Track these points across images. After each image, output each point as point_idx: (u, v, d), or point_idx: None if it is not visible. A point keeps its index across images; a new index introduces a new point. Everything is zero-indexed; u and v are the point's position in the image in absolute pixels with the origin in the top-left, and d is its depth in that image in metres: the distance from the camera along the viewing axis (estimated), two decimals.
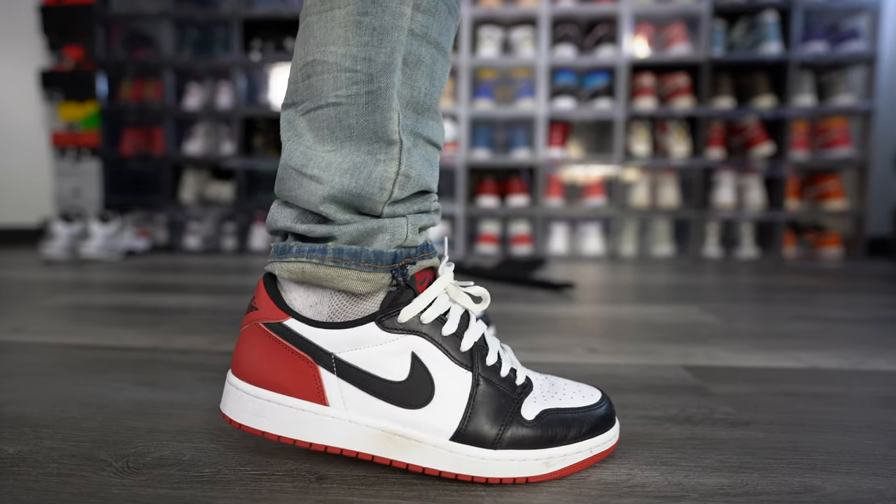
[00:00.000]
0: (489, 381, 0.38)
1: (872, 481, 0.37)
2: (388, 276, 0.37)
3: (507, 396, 0.38)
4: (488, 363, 0.38)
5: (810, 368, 0.64)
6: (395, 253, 0.38)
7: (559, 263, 1.90)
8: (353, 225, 0.37)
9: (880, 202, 2.14)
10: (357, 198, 0.37)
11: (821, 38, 2.05)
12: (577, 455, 0.37)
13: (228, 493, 0.35)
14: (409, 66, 0.37)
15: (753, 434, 0.45)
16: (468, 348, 0.38)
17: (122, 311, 0.95)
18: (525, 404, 0.38)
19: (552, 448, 0.37)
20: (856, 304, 1.08)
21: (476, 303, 0.41)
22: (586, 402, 0.40)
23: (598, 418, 0.39)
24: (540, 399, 0.39)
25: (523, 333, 0.80)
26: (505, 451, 0.36)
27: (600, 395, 0.41)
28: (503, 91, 2.26)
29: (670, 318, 0.94)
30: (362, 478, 0.37)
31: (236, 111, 2.23)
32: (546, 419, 0.37)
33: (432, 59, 0.39)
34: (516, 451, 0.36)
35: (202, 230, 2.31)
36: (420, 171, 0.38)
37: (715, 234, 2.15)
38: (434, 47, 0.39)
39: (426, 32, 0.38)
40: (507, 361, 0.39)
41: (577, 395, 0.40)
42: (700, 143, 2.08)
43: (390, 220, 0.38)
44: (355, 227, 0.37)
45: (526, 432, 0.37)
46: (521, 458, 0.36)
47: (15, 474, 0.37)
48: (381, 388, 0.36)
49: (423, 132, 0.39)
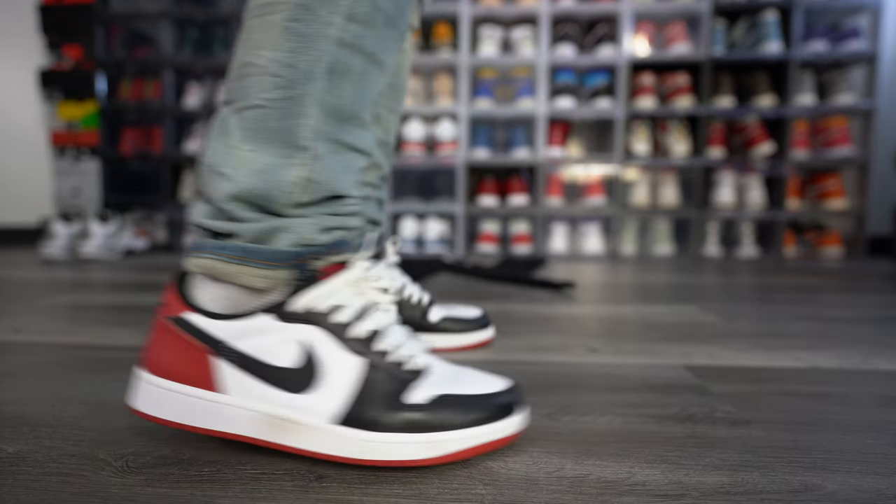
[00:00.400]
0: (379, 366, 0.38)
1: (873, 480, 0.37)
2: (288, 272, 0.39)
3: (397, 381, 0.38)
4: (380, 349, 0.38)
5: (811, 368, 0.64)
6: (296, 252, 0.39)
7: (559, 263, 1.90)
8: (255, 224, 0.39)
9: (881, 201, 2.14)
10: (261, 198, 0.38)
11: (821, 37, 2.05)
12: (465, 441, 0.37)
13: (228, 493, 0.35)
14: (336, 75, 0.39)
15: (754, 433, 0.45)
16: (361, 336, 0.38)
17: (121, 311, 0.95)
18: (417, 389, 0.38)
19: (440, 433, 0.37)
20: (856, 303, 1.08)
21: (384, 294, 0.41)
22: (486, 390, 0.40)
23: (496, 406, 0.39)
24: (436, 385, 0.39)
25: (523, 333, 0.80)
26: (389, 434, 0.37)
27: (506, 386, 0.41)
28: (503, 90, 2.26)
29: (670, 317, 0.94)
30: (362, 476, 0.37)
31: None
32: (438, 404, 0.38)
33: (363, 68, 0.40)
34: (402, 434, 0.37)
35: None
36: (333, 177, 0.40)
37: (715, 234, 2.15)
38: (366, 57, 0.39)
39: (358, 42, 0.39)
40: (405, 348, 0.40)
41: (479, 383, 0.40)
42: (700, 142, 2.08)
43: (293, 221, 0.39)
44: (258, 226, 0.39)
45: (414, 416, 0.37)
46: (406, 442, 0.37)
47: (14, 474, 0.37)
48: (272, 375, 0.37)
49: (345, 139, 0.40)
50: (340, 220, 0.41)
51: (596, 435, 0.44)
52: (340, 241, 0.41)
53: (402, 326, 0.42)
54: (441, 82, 2.22)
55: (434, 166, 2.21)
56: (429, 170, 2.28)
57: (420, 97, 2.24)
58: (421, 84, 2.25)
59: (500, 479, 0.37)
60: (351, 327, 0.38)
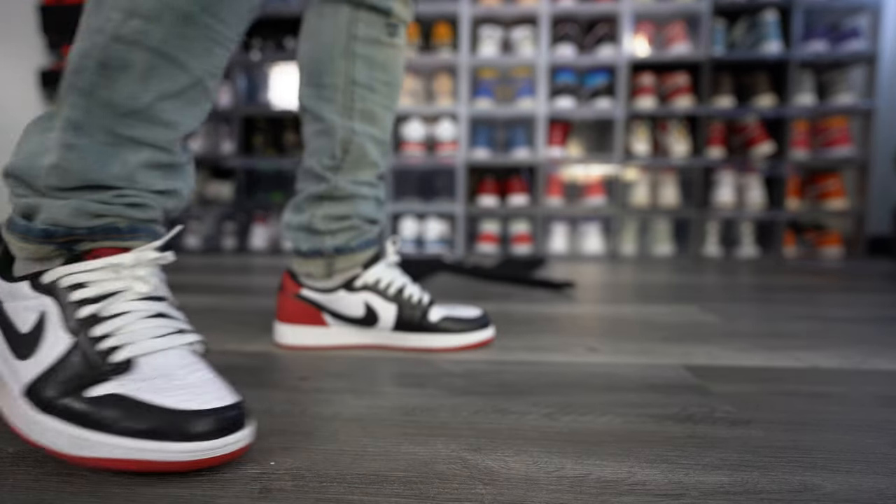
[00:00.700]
0: (82, 350, 0.38)
1: (873, 480, 0.37)
2: (43, 247, 0.41)
3: (91, 369, 0.37)
4: (92, 334, 0.38)
5: (811, 368, 0.64)
6: (46, 229, 0.41)
7: (559, 263, 1.90)
8: (23, 199, 0.42)
9: (881, 201, 2.14)
10: (25, 176, 0.41)
11: (821, 37, 2.05)
12: (115, 450, 0.34)
13: (228, 493, 0.35)
14: (111, 70, 0.40)
15: (754, 433, 0.45)
16: (83, 316, 0.39)
17: None
18: (103, 383, 0.37)
19: (92, 432, 0.35)
20: (856, 303, 1.08)
21: (145, 286, 0.41)
22: (176, 402, 0.35)
23: (172, 424, 0.34)
24: (130, 383, 0.36)
25: (523, 333, 0.80)
26: (49, 418, 0.36)
27: (221, 405, 0.36)
28: (503, 90, 2.26)
29: (670, 317, 0.94)
30: (362, 476, 0.37)
31: (236, 110, 2.23)
32: (110, 403, 0.35)
33: (148, 64, 0.40)
34: (60, 422, 0.36)
35: (202, 229, 2.31)
36: (89, 166, 0.41)
37: (715, 234, 2.15)
38: (153, 53, 0.40)
39: (139, 38, 0.39)
40: (416, 295, 0.40)
41: (182, 393, 0.36)
42: (700, 142, 2.08)
43: (49, 202, 0.41)
44: (24, 201, 0.42)
45: (80, 407, 0.35)
46: (59, 431, 0.35)
47: (15, 474, 0.37)
48: (11, 337, 0.40)
49: (124, 132, 0.41)
50: (108, 209, 0.42)
51: (596, 435, 0.44)
52: (108, 226, 0.42)
53: (161, 318, 0.41)
54: (441, 82, 2.22)
55: (434, 166, 2.22)
56: (429, 170, 2.28)
57: (420, 97, 2.24)
58: (421, 84, 2.25)
59: (500, 478, 0.37)
60: (79, 307, 0.39)
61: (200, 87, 0.43)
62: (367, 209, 0.70)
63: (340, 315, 0.68)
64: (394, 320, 0.68)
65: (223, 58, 0.44)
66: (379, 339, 0.69)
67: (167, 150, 0.44)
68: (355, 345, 0.70)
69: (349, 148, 0.66)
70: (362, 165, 0.68)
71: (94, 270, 0.40)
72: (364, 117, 0.67)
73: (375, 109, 0.67)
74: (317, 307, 0.69)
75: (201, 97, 0.44)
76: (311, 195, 0.68)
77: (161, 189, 0.44)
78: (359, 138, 0.66)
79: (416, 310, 0.68)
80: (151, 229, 0.45)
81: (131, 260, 0.41)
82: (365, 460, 0.39)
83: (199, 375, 0.39)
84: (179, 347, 0.41)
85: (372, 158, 0.68)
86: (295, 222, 0.70)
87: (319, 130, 0.67)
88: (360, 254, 0.69)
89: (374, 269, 0.68)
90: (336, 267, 0.69)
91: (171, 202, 0.46)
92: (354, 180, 0.68)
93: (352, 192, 0.67)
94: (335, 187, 0.67)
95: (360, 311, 0.68)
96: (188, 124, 0.44)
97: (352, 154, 0.67)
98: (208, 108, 0.46)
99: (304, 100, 0.67)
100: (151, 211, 0.44)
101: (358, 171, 0.68)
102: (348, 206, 0.68)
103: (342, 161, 0.67)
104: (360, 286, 0.68)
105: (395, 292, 0.68)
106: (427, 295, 0.71)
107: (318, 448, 0.41)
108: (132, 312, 0.40)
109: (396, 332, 0.68)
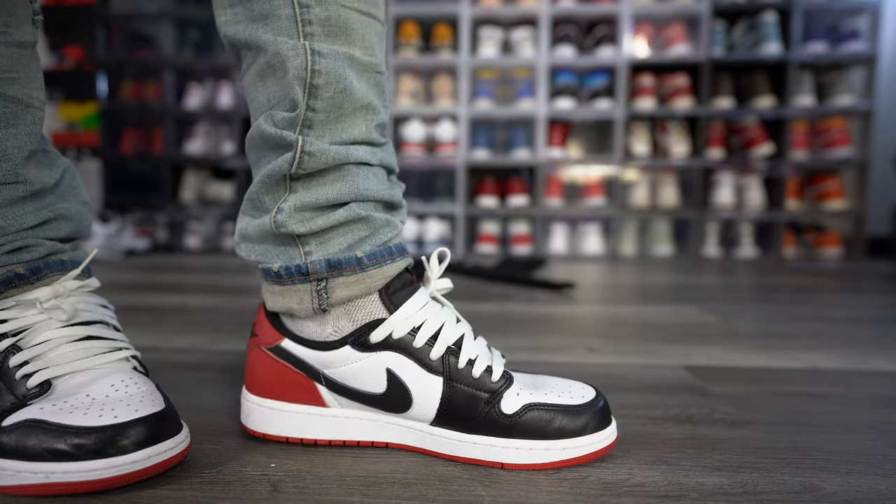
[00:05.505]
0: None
1: (872, 481, 0.37)
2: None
3: (12, 397, 0.37)
4: (13, 363, 0.38)
5: (810, 368, 0.64)
6: None
7: (559, 263, 1.90)
8: None
9: (880, 202, 2.14)
10: None
11: (821, 38, 2.05)
12: (31, 476, 0.33)
13: (229, 494, 0.35)
14: None
15: (753, 434, 0.45)
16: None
17: (122, 311, 0.95)
18: (21, 409, 0.36)
19: (7, 460, 0.34)
20: (856, 304, 1.09)
21: (64, 314, 0.39)
22: (88, 420, 0.34)
23: (81, 443, 0.33)
24: (47, 405, 0.36)
25: (523, 333, 0.80)
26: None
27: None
28: (503, 91, 2.26)
29: (670, 318, 0.94)
30: (362, 478, 0.37)
31: (237, 111, 2.23)
32: (23, 429, 0.34)
33: None
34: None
35: (202, 230, 2.31)
36: None
37: (715, 234, 2.15)
38: None
39: None
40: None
41: (98, 410, 0.35)
42: (700, 143, 2.08)
43: None
44: None
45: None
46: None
47: None
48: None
49: None
50: None
51: None
52: (5, 278, 0.40)
53: (90, 341, 0.40)
54: (441, 83, 2.22)
55: (434, 167, 2.22)
56: (429, 170, 2.28)
57: (420, 98, 2.24)
58: (421, 85, 2.26)
59: (500, 479, 0.37)
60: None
61: (1, 100, 0.39)
62: (372, 185, 0.42)
63: (345, 388, 0.41)
64: (437, 405, 0.40)
65: (10, 56, 0.39)
66: (412, 436, 0.41)
67: (13, 182, 0.40)
68: (372, 442, 0.42)
69: (316, 82, 0.39)
70: (347, 110, 0.41)
71: (9, 309, 0.39)
72: (330, 31, 0.40)
73: (348, 16, 0.40)
74: (306, 373, 0.42)
75: (16, 112, 0.39)
76: (270, 176, 0.41)
77: (36, 223, 0.41)
78: (328, 63, 0.39)
79: (481, 389, 0.40)
80: (59, 261, 0.42)
81: (48, 294, 0.40)
82: (365, 462, 0.39)
83: (125, 391, 0.37)
84: (106, 365, 0.39)
85: (359, 95, 0.41)
86: (254, 228, 0.43)
87: (261, 69, 0.41)
88: (376, 270, 0.42)
89: (407, 306, 0.41)
90: (333, 298, 0.41)
91: (64, 228, 0.43)
92: (339, 138, 0.41)
93: (339, 156, 0.40)
94: (309, 154, 0.40)
95: (380, 384, 0.40)
96: (16, 144, 0.39)
97: (324, 92, 0.40)
98: (38, 116, 0.41)
99: (228, 27, 0.42)
100: (40, 248, 0.41)
101: (342, 119, 0.41)
102: (338, 183, 0.41)
103: (311, 107, 0.40)
104: (379, 340, 0.40)
105: (442, 353, 0.40)
106: (499, 356, 0.43)
107: (318, 449, 0.41)
108: (53, 340, 0.39)
109: (441, 427, 0.40)
